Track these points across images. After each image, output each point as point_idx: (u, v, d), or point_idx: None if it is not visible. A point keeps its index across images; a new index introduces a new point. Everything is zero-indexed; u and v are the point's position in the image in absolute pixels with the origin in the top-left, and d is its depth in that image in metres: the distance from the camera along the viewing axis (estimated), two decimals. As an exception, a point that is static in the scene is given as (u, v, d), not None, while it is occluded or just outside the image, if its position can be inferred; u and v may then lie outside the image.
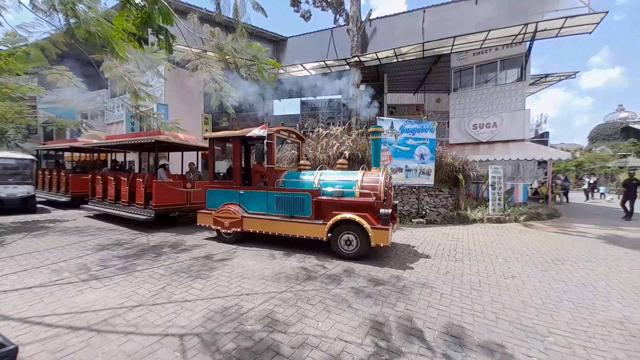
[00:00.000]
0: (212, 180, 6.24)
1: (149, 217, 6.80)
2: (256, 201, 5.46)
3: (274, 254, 4.88)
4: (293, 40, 16.83)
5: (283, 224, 5.12)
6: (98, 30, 2.57)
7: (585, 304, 3.18)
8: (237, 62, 3.89)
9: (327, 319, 2.74)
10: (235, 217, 5.45)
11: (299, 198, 5.07)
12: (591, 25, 10.71)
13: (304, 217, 5.00)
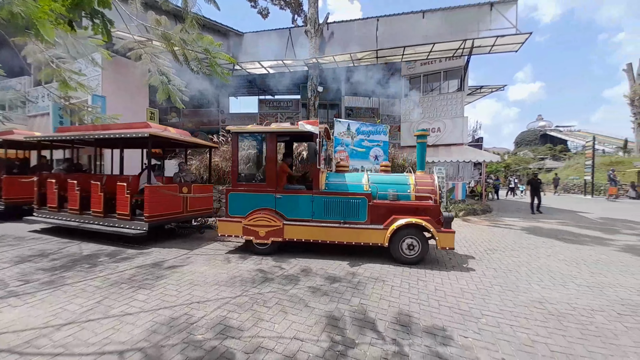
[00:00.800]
0: (236, 182, 5.14)
1: (142, 230, 5.37)
2: (298, 206, 4.83)
3: (229, 258, 4.69)
4: (250, 36, 16.36)
5: (335, 230, 4.64)
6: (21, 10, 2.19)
7: (510, 288, 3.67)
8: (187, 54, 3.65)
9: (284, 320, 2.73)
10: (274, 225, 4.73)
11: (353, 202, 4.70)
12: (517, 44, 12.38)
13: (359, 222, 4.67)
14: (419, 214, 4.54)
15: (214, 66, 3.55)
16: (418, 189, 4.86)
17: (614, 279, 4.04)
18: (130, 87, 12.48)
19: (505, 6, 12.64)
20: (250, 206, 4.91)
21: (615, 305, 3.21)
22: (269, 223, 4.75)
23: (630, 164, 21.32)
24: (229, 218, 4.96)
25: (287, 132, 5.27)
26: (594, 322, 2.82)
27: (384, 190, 4.84)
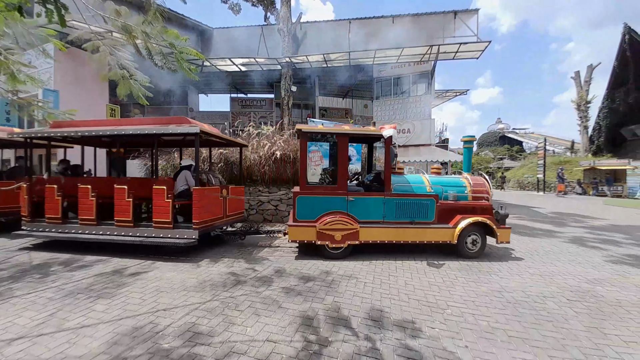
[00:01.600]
0: (305, 185, 4.84)
1: (192, 239, 4.72)
2: (370, 208, 4.80)
3: (199, 262, 4.51)
4: (220, 32, 15.87)
5: (407, 231, 4.76)
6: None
7: (472, 279, 3.91)
8: (150, 48, 3.44)
9: (257, 322, 2.68)
10: (351, 228, 4.64)
11: (423, 203, 4.85)
12: (478, 51, 13.24)
13: (427, 222, 4.84)
14: (476, 213, 4.95)
15: (181, 62, 3.38)
16: (474, 190, 5.27)
17: (563, 268, 4.46)
18: (88, 81, 11.54)
19: (467, 15, 13.48)
20: (320, 210, 4.73)
21: (565, 292, 3.55)
22: (345, 226, 4.64)
23: (577, 163, 23.69)
24: (299, 223, 4.70)
25: (361, 135, 5.37)
26: (546, 308, 3.10)
27: (446, 191, 5.18)
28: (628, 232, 7.35)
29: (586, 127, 25.85)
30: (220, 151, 7.92)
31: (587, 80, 25.15)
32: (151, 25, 3.52)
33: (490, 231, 4.88)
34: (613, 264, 4.67)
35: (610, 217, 10.08)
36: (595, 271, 4.33)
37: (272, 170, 8.03)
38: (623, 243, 6.21)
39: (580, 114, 25.50)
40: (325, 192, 4.85)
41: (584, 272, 4.29)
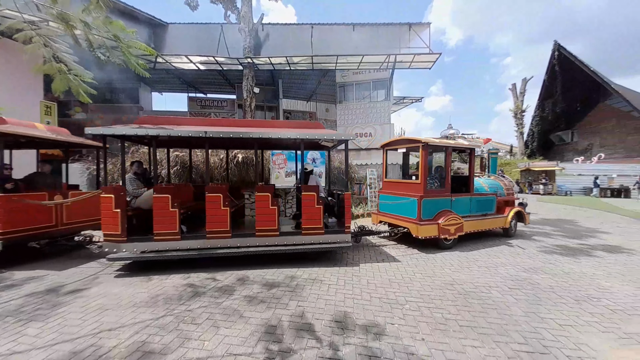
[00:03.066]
0: (426, 190, 5.51)
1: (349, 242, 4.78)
2: (463, 206, 5.99)
3: (150, 277, 4.13)
4: (176, 28, 14.97)
5: (482, 221, 6.24)
6: None
7: (429, 274, 4.16)
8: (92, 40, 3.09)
9: (215, 335, 2.54)
10: (459, 223, 5.69)
11: (489, 199, 6.47)
12: (430, 62, 14.24)
13: (491, 214, 6.48)
14: (511, 205, 6.96)
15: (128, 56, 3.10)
16: (507, 188, 7.12)
17: (505, 260, 4.94)
18: (18, 75, 10.08)
19: (420, 28, 14.45)
20: (435, 209, 5.64)
21: (507, 281, 3.93)
22: (457, 222, 5.69)
23: (515, 165, 26.61)
24: (426, 222, 5.44)
25: (461, 147, 6.48)
26: (491, 297, 3.40)
27: (494, 190, 6.78)
28: (557, 225, 8.42)
29: (522, 133, 29.22)
30: (176, 153, 7.43)
31: (522, 91, 28.50)
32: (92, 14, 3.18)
33: (521, 217, 6.91)
34: (546, 254, 5.30)
35: (542, 212, 11.46)
36: (531, 261, 4.87)
37: (234, 174, 7.75)
38: (553, 235, 7.09)
39: (517, 122, 28.79)
40: (438, 194, 5.73)
41: (522, 262, 4.80)
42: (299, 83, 19.89)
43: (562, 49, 25.66)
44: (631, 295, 3.46)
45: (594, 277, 4.07)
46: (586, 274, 4.20)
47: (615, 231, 7.50)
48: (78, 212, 5.55)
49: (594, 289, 3.65)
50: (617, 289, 3.65)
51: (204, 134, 4.28)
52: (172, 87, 20.27)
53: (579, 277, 4.07)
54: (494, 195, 6.60)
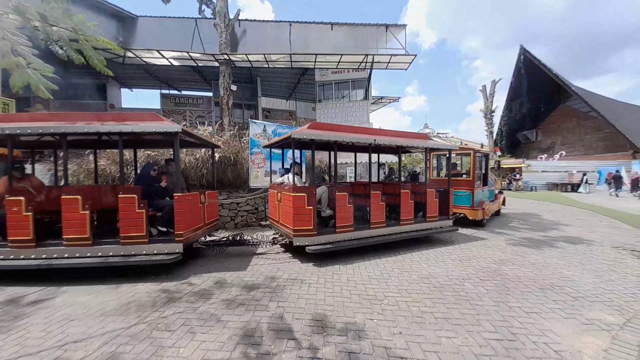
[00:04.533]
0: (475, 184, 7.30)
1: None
2: (486, 195, 8.08)
3: (119, 285, 3.91)
4: (146, 21, 14.26)
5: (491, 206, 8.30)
6: None
7: (406, 269, 4.27)
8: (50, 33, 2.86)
9: (192, 341, 2.45)
10: (489, 207, 7.90)
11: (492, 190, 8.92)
12: (406, 63, 14.60)
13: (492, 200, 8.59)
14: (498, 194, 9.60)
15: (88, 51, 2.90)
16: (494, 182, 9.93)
17: (477, 253, 5.18)
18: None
19: (396, 29, 14.77)
20: (478, 199, 7.36)
21: (478, 273, 4.12)
22: (488, 207, 7.79)
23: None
24: (477, 207, 7.19)
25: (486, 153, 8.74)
26: (464, 289, 3.55)
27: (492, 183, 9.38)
28: (523, 219, 8.96)
29: (492, 132, 30.71)
30: (148, 152, 7.09)
31: (492, 93, 29.94)
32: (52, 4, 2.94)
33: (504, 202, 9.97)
34: (514, 246, 5.63)
35: (511, 207, 12.15)
36: (500, 253, 5.15)
37: (212, 174, 7.52)
38: (520, 228, 7.53)
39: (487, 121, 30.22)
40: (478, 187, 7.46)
41: (492, 254, 5.06)
42: (278, 81, 19.68)
43: (527, 53, 27.28)
44: (591, 283, 3.74)
45: (557, 267, 4.37)
46: (550, 264, 4.50)
47: (575, 223, 8.11)
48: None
49: (557, 278, 3.92)
50: (578, 278, 3.94)
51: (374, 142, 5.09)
52: (143, 83, 19.34)
53: (543, 267, 4.36)
54: (494, 188, 9.26)
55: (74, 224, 3.95)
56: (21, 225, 3.90)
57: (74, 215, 3.95)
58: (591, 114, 23.83)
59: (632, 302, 3.20)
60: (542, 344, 2.43)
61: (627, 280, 3.85)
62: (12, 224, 3.90)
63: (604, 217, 9.06)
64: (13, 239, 3.91)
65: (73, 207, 3.95)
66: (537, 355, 2.28)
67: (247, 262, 4.66)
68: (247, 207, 8.05)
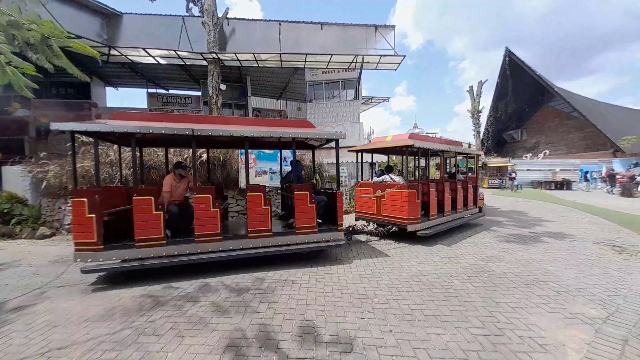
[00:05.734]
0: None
1: None
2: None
3: (104, 286, 3.82)
4: (132, 19, 13.90)
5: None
6: None
7: (396, 267, 4.31)
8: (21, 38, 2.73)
9: (180, 345, 2.40)
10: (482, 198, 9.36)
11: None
12: (396, 64, 14.72)
13: None
14: None
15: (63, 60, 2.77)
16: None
17: (465, 250, 5.28)
18: None
19: (386, 30, 14.89)
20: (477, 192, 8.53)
21: (466, 270, 4.20)
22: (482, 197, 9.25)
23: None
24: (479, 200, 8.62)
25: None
26: (452, 286, 3.61)
27: None
28: (510, 216, 9.18)
29: (479, 132, 31.39)
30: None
31: (478, 93, 30.60)
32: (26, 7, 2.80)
33: None
34: (500, 243, 5.76)
35: (497, 204, 12.43)
36: (487, 250, 5.26)
37: (200, 175, 7.40)
38: (507, 225, 7.72)
39: (474, 121, 30.86)
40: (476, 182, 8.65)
41: (480, 251, 5.16)
42: (268, 81, 19.52)
43: (512, 55, 27.97)
44: (574, 278, 3.86)
45: (541, 262, 4.50)
46: (534, 260, 4.63)
47: (558, 220, 8.36)
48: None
49: (541, 273, 4.03)
50: (562, 273, 4.06)
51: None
52: (129, 82, 18.85)
53: (528, 263, 4.47)
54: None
55: (259, 219, 4.40)
56: (211, 221, 4.14)
57: (261, 210, 4.42)
58: (573, 114, 24.66)
59: (614, 296, 3.31)
60: (528, 338, 2.49)
61: (609, 275, 3.99)
62: (200, 219, 4.10)
63: (585, 214, 9.38)
64: (200, 234, 4.12)
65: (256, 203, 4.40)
66: (522, 349, 2.34)
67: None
68: (237, 208, 7.96)
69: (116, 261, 3.83)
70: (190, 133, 4.00)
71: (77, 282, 3.93)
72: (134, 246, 3.85)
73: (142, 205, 3.84)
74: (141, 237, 3.85)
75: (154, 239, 3.91)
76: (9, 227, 7.21)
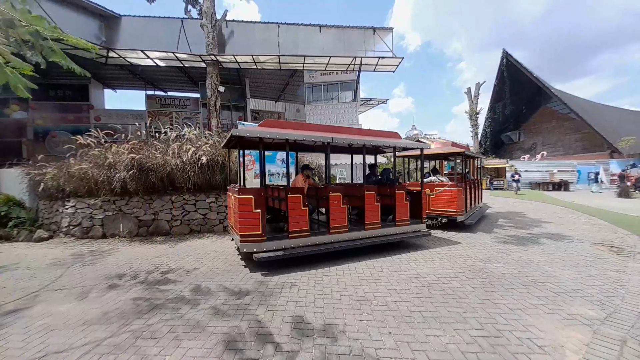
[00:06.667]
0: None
1: None
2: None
3: (101, 289, 3.81)
4: (130, 21, 13.92)
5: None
6: None
7: (395, 269, 4.31)
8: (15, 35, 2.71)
9: (178, 349, 2.39)
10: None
11: None
12: (394, 66, 14.79)
13: None
14: None
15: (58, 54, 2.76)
16: None
17: (463, 251, 5.29)
18: None
19: (384, 32, 14.97)
20: None
21: (465, 271, 4.20)
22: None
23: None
24: None
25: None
26: (451, 287, 3.61)
27: None
28: (508, 217, 9.21)
29: (477, 133, 31.52)
30: (132, 156, 6.90)
31: (476, 95, 30.76)
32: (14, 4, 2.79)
33: None
34: (499, 244, 5.77)
35: (495, 205, 12.47)
36: (486, 251, 5.26)
37: (199, 177, 7.38)
38: (505, 226, 7.74)
39: (472, 123, 31.01)
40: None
41: (479, 252, 5.17)
42: (266, 83, 19.56)
43: (509, 56, 28.15)
44: (572, 279, 3.87)
45: (539, 264, 4.51)
46: (532, 261, 4.64)
47: (556, 220, 8.39)
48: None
49: (539, 274, 4.04)
50: (559, 274, 4.07)
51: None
52: (127, 83, 18.87)
53: (527, 264, 4.48)
54: None
55: (372, 214, 5.26)
56: (341, 215, 4.92)
57: (374, 206, 5.25)
58: (570, 115, 24.80)
59: (612, 297, 3.32)
60: (526, 339, 2.50)
61: (606, 275, 4.00)
62: (334, 214, 4.85)
63: (582, 215, 9.42)
64: (334, 226, 4.86)
65: (371, 200, 5.25)
66: (521, 350, 2.34)
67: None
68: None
69: (277, 251, 4.38)
70: (329, 141, 4.84)
71: (74, 286, 3.92)
72: (287, 237, 4.50)
73: (294, 202, 4.52)
74: (294, 229, 4.52)
75: (302, 231, 4.59)
76: (6, 230, 7.17)
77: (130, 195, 7.05)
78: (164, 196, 7.23)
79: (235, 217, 4.81)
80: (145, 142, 8.01)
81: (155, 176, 7.00)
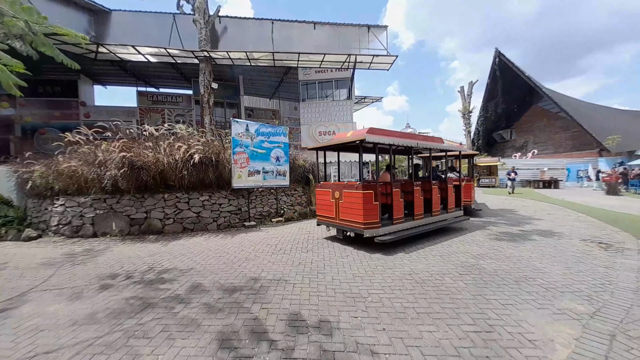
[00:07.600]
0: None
1: None
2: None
3: (91, 288, 3.74)
4: (121, 15, 13.64)
5: None
6: None
7: (389, 266, 4.34)
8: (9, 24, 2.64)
9: (171, 347, 2.37)
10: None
11: None
12: (388, 64, 14.83)
13: None
14: None
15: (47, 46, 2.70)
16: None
17: (456, 249, 5.34)
18: None
19: (378, 30, 14.97)
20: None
21: (458, 268, 4.25)
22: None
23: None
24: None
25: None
26: (444, 283, 3.65)
27: None
28: (501, 215, 9.34)
29: (469, 131, 31.88)
30: (123, 154, 6.78)
31: (469, 94, 31.07)
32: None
33: None
34: (490, 241, 5.85)
35: (487, 202, 12.63)
36: (478, 248, 5.33)
37: (192, 175, 7.30)
38: (498, 223, 7.84)
39: (465, 121, 31.34)
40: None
41: (471, 249, 5.24)
42: (260, 80, 19.41)
43: (501, 56, 28.49)
44: (561, 275, 3.94)
45: (530, 260, 4.59)
46: (523, 257, 4.72)
47: (546, 217, 8.54)
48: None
49: (530, 270, 4.11)
50: (549, 269, 4.15)
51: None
52: (118, 80, 18.52)
53: (518, 260, 4.56)
54: None
55: (436, 203, 6.59)
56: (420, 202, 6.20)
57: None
58: (560, 114, 25.25)
59: (600, 292, 3.39)
60: (517, 334, 2.54)
61: (595, 271, 4.08)
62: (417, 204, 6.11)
63: (572, 212, 9.62)
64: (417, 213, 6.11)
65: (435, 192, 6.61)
66: (512, 345, 2.38)
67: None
68: (229, 208, 7.90)
69: (386, 235, 5.30)
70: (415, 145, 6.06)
71: (64, 286, 3.85)
72: (392, 223, 5.54)
73: (397, 195, 5.63)
74: (396, 217, 5.61)
75: (400, 218, 5.69)
76: (-8, 229, 6.99)
77: (121, 194, 6.93)
78: (156, 194, 7.13)
79: (353, 208, 5.43)
80: (136, 139, 7.86)
81: (147, 174, 6.90)
